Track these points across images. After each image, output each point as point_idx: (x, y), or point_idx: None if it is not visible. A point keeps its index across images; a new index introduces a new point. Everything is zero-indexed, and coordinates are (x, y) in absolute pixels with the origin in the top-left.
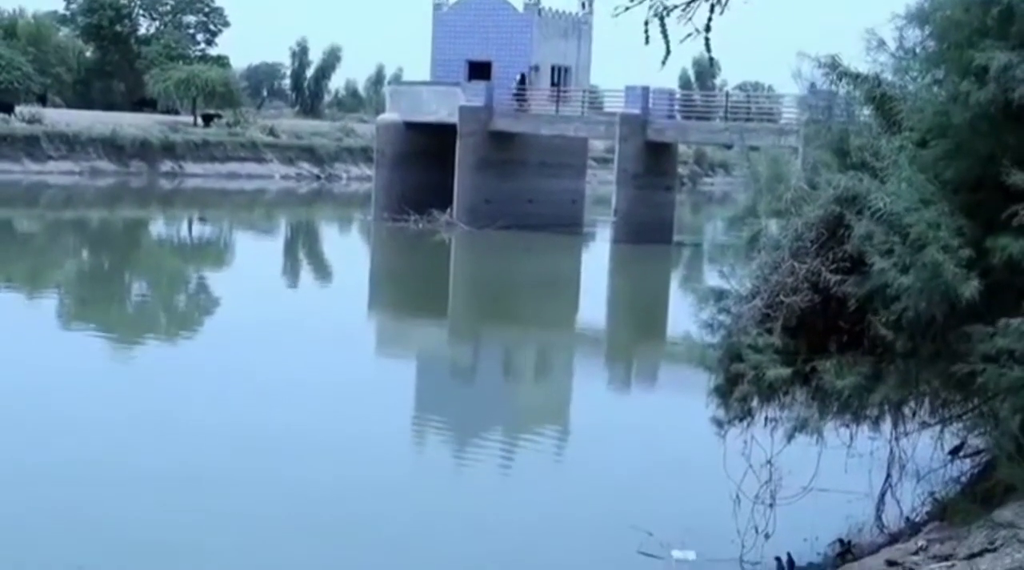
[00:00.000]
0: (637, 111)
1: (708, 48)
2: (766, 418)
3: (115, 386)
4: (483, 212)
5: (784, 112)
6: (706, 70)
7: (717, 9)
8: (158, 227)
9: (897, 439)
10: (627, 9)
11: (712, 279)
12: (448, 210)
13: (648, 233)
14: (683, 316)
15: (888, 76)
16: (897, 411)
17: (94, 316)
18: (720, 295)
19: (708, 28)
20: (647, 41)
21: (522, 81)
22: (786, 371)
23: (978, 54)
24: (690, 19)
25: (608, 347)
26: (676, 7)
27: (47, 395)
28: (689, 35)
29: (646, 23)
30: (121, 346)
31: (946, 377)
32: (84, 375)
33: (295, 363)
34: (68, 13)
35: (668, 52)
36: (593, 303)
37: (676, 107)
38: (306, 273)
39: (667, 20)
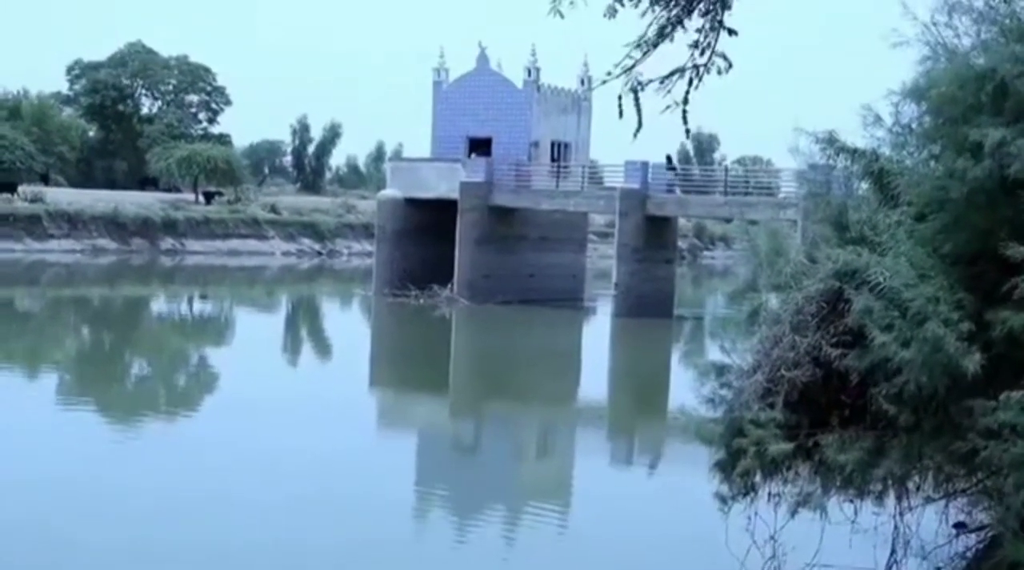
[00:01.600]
0: (637, 186)
1: (685, 120)
2: (769, 493)
3: (113, 464)
4: (484, 287)
5: (783, 186)
6: (705, 145)
7: (694, 83)
8: (159, 304)
9: (901, 514)
10: (604, 83)
11: (713, 353)
12: (449, 285)
13: (649, 307)
14: (684, 390)
15: (885, 151)
16: (901, 486)
17: (93, 393)
18: (721, 370)
19: (685, 101)
20: (620, 115)
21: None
22: (788, 446)
23: (973, 130)
24: (669, 91)
25: (610, 422)
26: (651, 81)
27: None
28: (668, 107)
29: (619, 97)
30: (120, 424)
31: (949, 452)
32: (85, 452)
33: (295, 439)
34: (71, 93)
35: (640, 125)
36: (594, 377)
37: (676, 181)
38: (307, 350)
39: (654, 93)
